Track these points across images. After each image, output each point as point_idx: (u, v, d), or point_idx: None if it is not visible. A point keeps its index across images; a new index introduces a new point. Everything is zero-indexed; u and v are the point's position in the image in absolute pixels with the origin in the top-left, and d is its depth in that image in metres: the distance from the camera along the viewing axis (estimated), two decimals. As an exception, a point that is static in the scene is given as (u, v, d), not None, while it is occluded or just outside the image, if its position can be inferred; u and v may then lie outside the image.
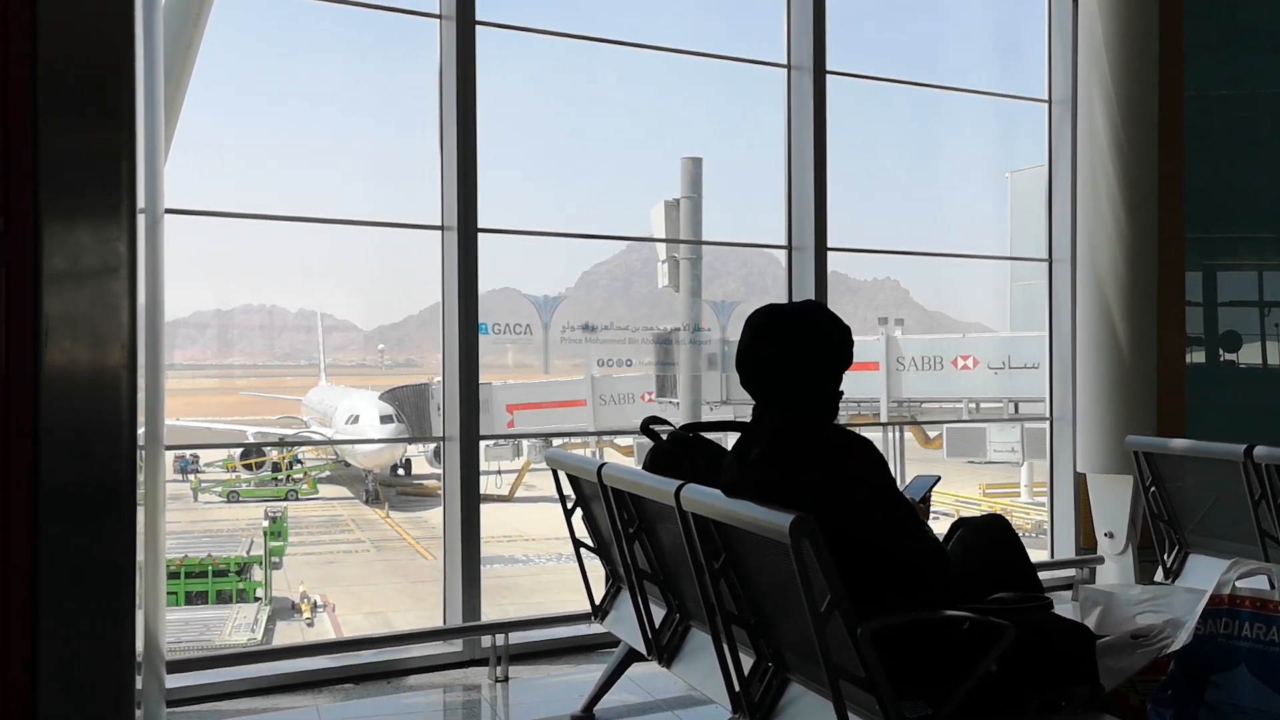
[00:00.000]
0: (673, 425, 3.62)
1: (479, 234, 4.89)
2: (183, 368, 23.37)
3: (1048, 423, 6.66)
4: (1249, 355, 8.25)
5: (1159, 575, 4.75)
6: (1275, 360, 8.25)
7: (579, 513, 4.00)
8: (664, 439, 3.52)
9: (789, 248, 5.81)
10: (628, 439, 14.36)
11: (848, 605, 2.28)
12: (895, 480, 2.59)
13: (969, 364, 14.82)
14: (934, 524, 3.12)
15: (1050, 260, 6.65)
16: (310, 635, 16.27)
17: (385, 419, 18.55)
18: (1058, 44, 6.56)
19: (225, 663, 4.67)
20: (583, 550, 4.05)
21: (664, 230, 9.68)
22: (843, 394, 2.72)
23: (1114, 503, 6.05)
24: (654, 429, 3.59)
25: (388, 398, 19.25)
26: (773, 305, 2.76)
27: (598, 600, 4.04)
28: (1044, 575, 4.37)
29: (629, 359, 15.00)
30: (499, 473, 19.09)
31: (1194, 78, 6.70)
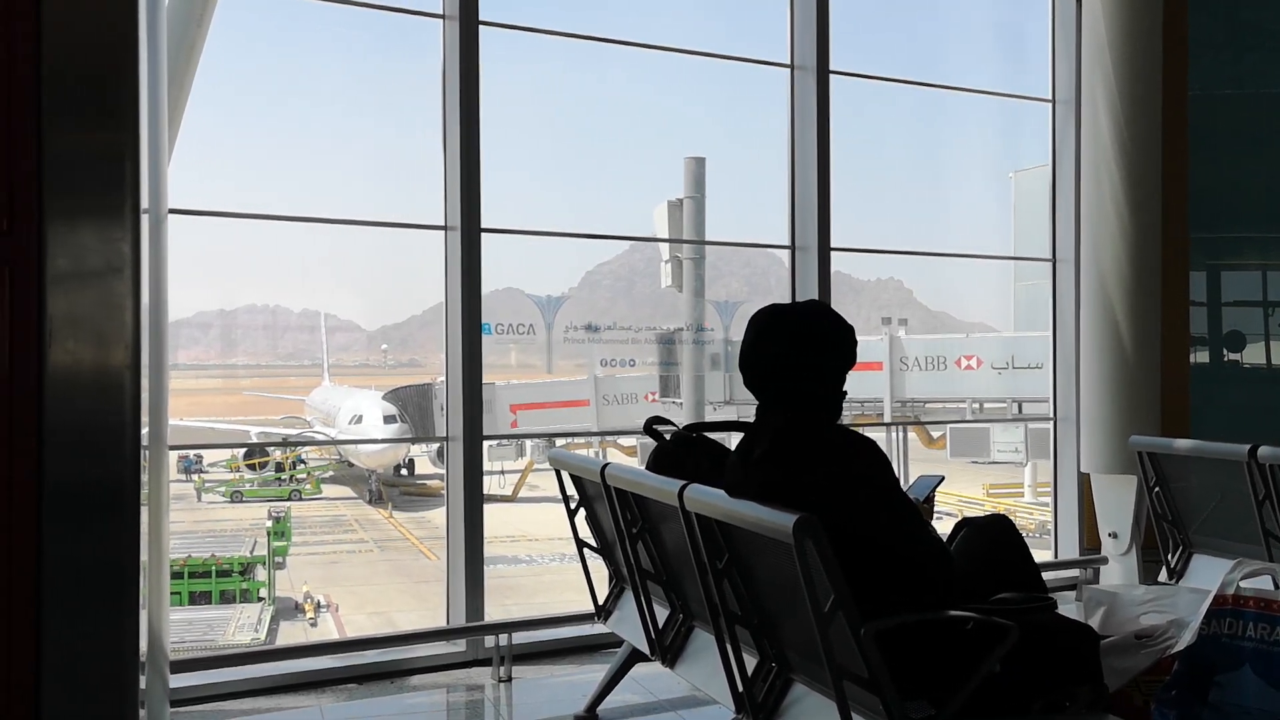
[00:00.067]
0: (676, 425, 3.62)
1: (482, 234, 4.89)
2: (186, 368, 23.40)
3: (1051, 423, 6.66)
4: (1253, 355, 8.22)
5: (1163, 575, 4.75)
6: (1280, 360, 8.24)
7: (582, 513, 4.00)
8: (667, 439, 3.52)
9: (792, 248, 5.81)
10: (631, 439, 14.36)
11: (851, 605, 2.28)
12: (899, 480, 2.58)
13: (972, 364, 14.80)
14: (937, 524, 3.12)
15: (1054, 260, 6.65)
16: (314, 635, 16.28)
17: (388, 419, 18.56)
18: (1061, 43, 6.55)
19: (229, 663, 4.67)
20: (586, 550, 4.05)
21: (667, 230, 9.67)
22: (846, 394, 2.72)
23: (1118, 503, 6.04)
24: (657, 429, 3.59)
25: (391, 398, 19.26)
26: (776, 305, 2.76)
27: (601, 600, 4.04)
28: (1048, 575, 4.36)
29: (632, 359, 14.98)
30: (502, 473, 19.10)
31: (1198, 77, 6.67)
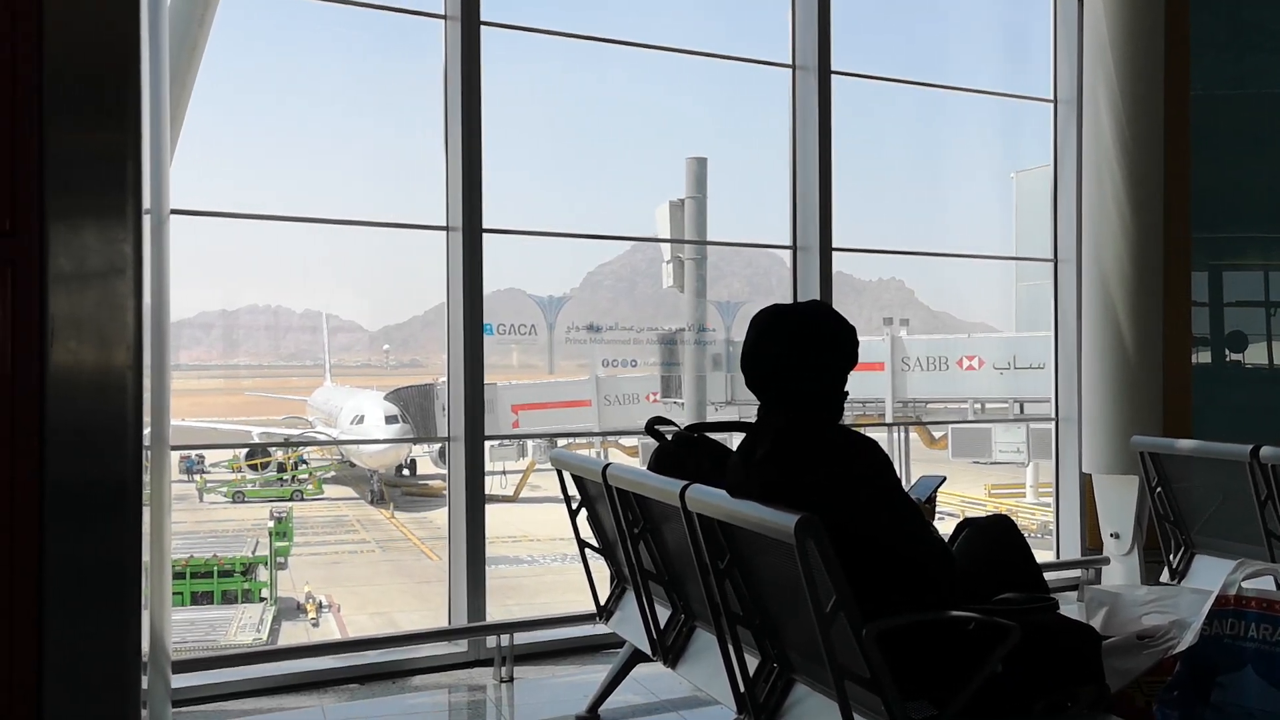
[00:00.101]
0: (677, 425, 3.62)
1: (484, 234, 4.89)
2: (188, 368, 23.43)
3: (1053, 423, 6.65)
4: (1255, 355, 8.21)
5: (1165, 576, 4.74)
6: (1282, 360, 8.23)
7: (584, 513, 4.00)
8: (669, 439, 3.51)
9: (794, 248, 5.81)
10: (633, 439, 14.37)
11: (853, 606, 2.28)
12: (900, 481, 2.58)
13: (974, 364, 14.79)
14: (939, 524, 3.12)
15: (1055, 260, 6.64)
16: (315, 635, 16.29)
17: (390, 419, 18.58)
18: (1063, 43, 6.55)
19: (231, 663, 4.67)
20: (588, 551, 4.04)
21: (669, 230, 9.67)
22: (848, 394, 2.71)
23: (1120, 503, 6.04)
24: (659, 429, 3.58)
25: (393, 398, 19.27)
26: (778, 305, 2.76)
27: (603, 601, 4.04)
28: (1049, 576, 4.35)
29: (634, 359, 14.99)
30: (504, 473, 19.11)
31: (1200, 77, 6.67)
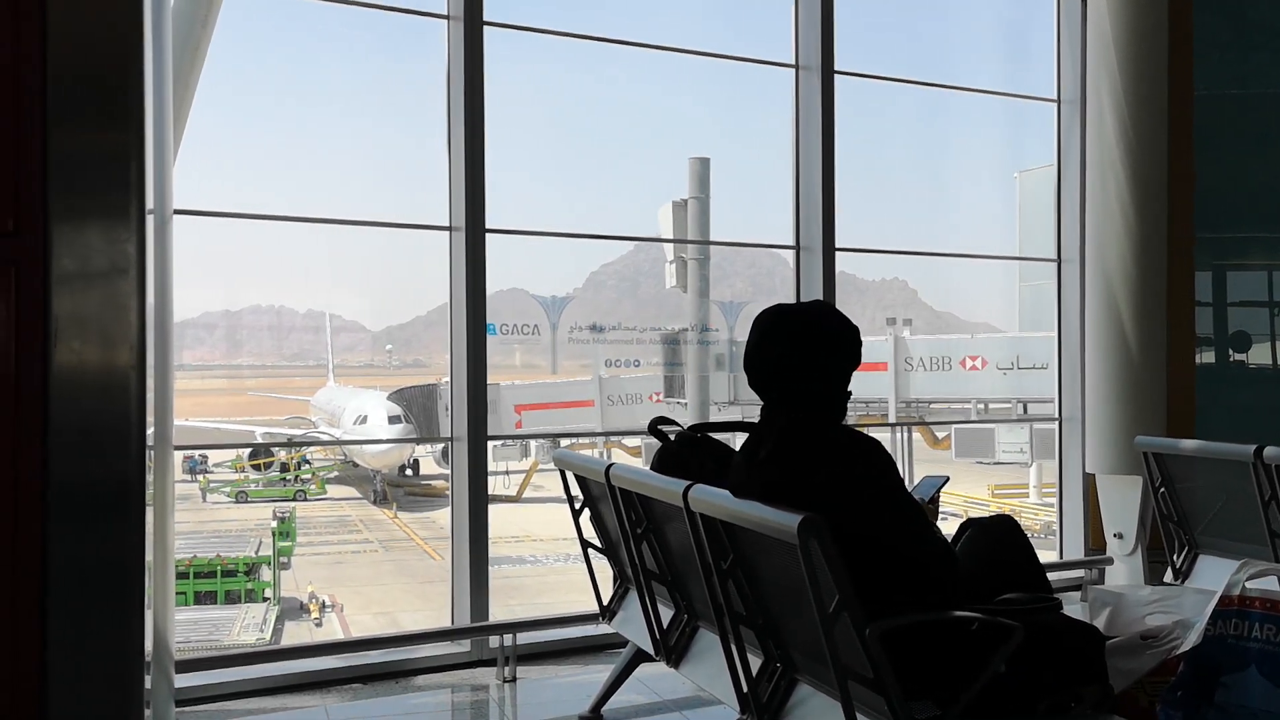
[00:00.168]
0: (680, 426, 3.62)
1: (487, 234, 4.90)
2: (192, 368, 23.46)
3: (1056, 423, 6.65)
4: (1259, 356, 8.19)
5: (1168, 576, 4.74)
6: (1286, 361, 8.21)
7: (587, 513, 4.00)
8: (672, 439, 3.51)
9: (797, 248, 5.80)
10: (635, 439, 14.36)
11: (856, 606, 2.28)
12: (903, 481, 2.58)
13: (977, 364, 14.77)
14: (942, 524, 3.11)
15: (1059, 260, 6.64)
16: (318, 635, 16.30)
17: (393, 419, 18.57)
18: (1066, 43, 6.54)
19: (234, 663, 4.68)
20: (590, 551, 4.04)
21: (672, 231, 9.67)
22: (851, 394, 2.71)
23: (1123, 503, 6.03)
24: (662, 429, 3.58)
25: (396, 398, 19.27)
26: (781, 306, 2.76)
27: (605, 601, 4.04)
28: (1053, 576, 4.35)
29: (637, 359, 14.99)
30: (507, 473, 19.10)
31: (1204, 76, 6.65)
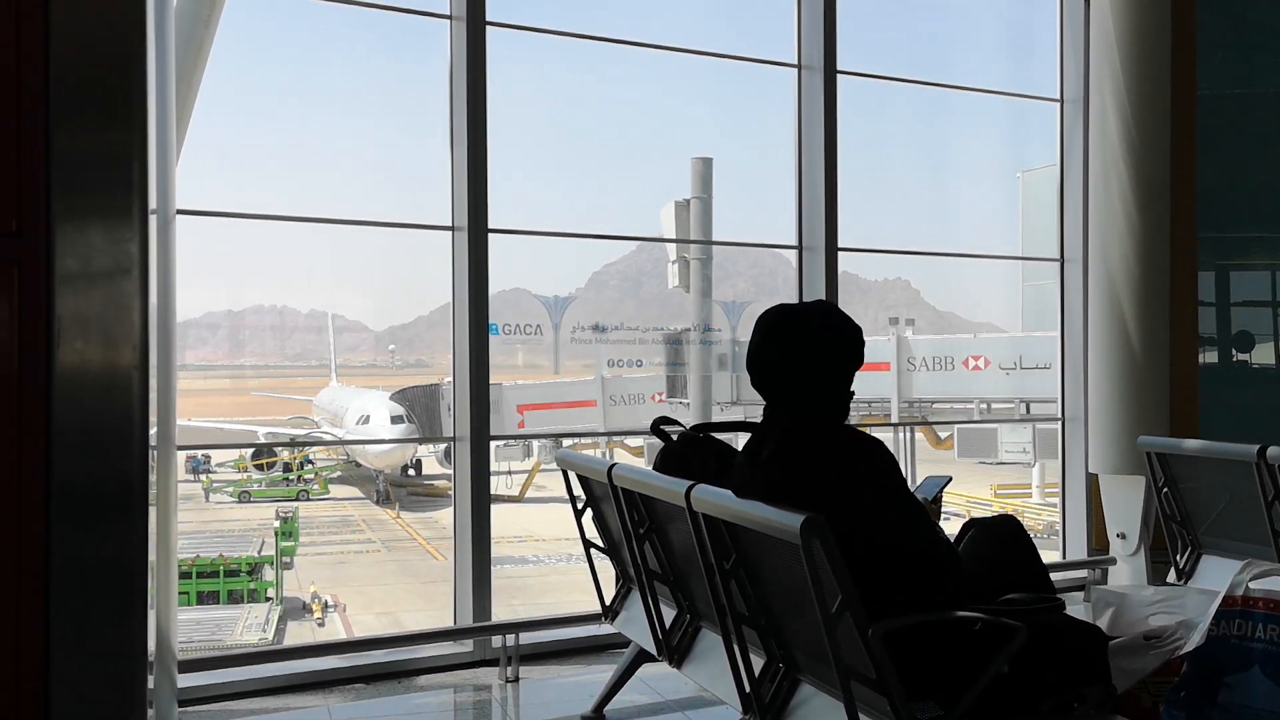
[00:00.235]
0: (683, 426, 3.62)
1: (489, 234, 4.90)
2: (194, 368, 23.46)
3: (1059, 423, 6.64)
4: (1262, 355, 8.18)
5: (1171, 576, 4.73)
6: (1289, 360, 8.20)
7: (589, 513, 4.00)
8: (674, 440, 3.51)
9: (799, 248, 5.80)
10: (638, 439, 14.34)
11: (859, 606, 2.28)
12: (906, 480, 2.58)
13: (980, 364, 14.75)
14: (945, 524, 3.11)
15: (1062, 260, 6.64)
16: (321, 635, 16.29)
17: (396, 419, 18.56)
18: (1069, 42, 6.54)
19: (237, 662, 4.68)
20: (593, 551, 4.04)
21: (674, 230, 9.67)
22: (854, 394, 2.71)
23: (1126, 503, 6.03)
24: (664, 429, 3.58)
25: (398, 398, 19.26)
26: (783, 306, 2.76)
27: (608, 601, 4.04)
28: (1056, 576, 4.35)
29: (639, 359, 14.98)
30: (509, 473, 19.08)
31: (1207, 76, 6.65)
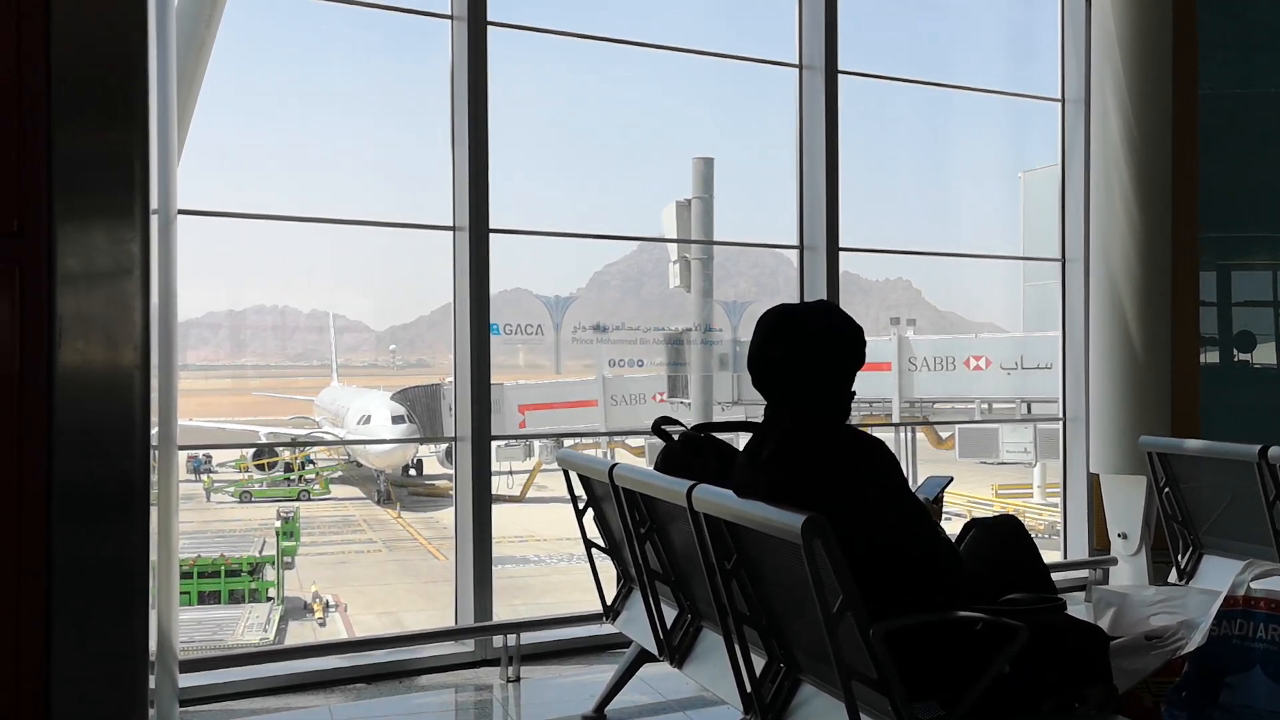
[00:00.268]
0: (684, 426, 3.61)
1: (490, 234, 4.90)
2: (196, 368, 23.46)
3: (1061, 423, 6.64)
4: (1264, 355, 8.18)
5: (1173, 576, 4.73)
6: (1290, 360, 8.19)
7: (590, 513, 4.00)
8: (675, 439, 3.51)
9: (800, 248, 5.80)
10: (639, 439, 14.34)
11: (860, 606, 2.28)
12: (907, 481, 2.58)
13: (981, 364, 14.75)
14: (946, 525, 3.11)
15: (1063, 260, 6.63)
16: (322, 635, 16.29)
17: (397, 419, 18.56)
18: (1071, 42, 6.54)
19: (238, 662, 4.68)
20: (594, 551, 4.04)
21: (675, 230, 9.68)
22: (855, 394, 2.71)
23: (1127, 504, 6.03)
24: (665, 429, 3.58)
25: (399, 398, 19.26)
26: (785, 306, 2.76)
27: (609, 601, 4.04)
28: (1057, 576, 4.35)
29: (640, 359, 14.97)
30: (510, 473, 19.08)
31: (1208, 76, 6.65)
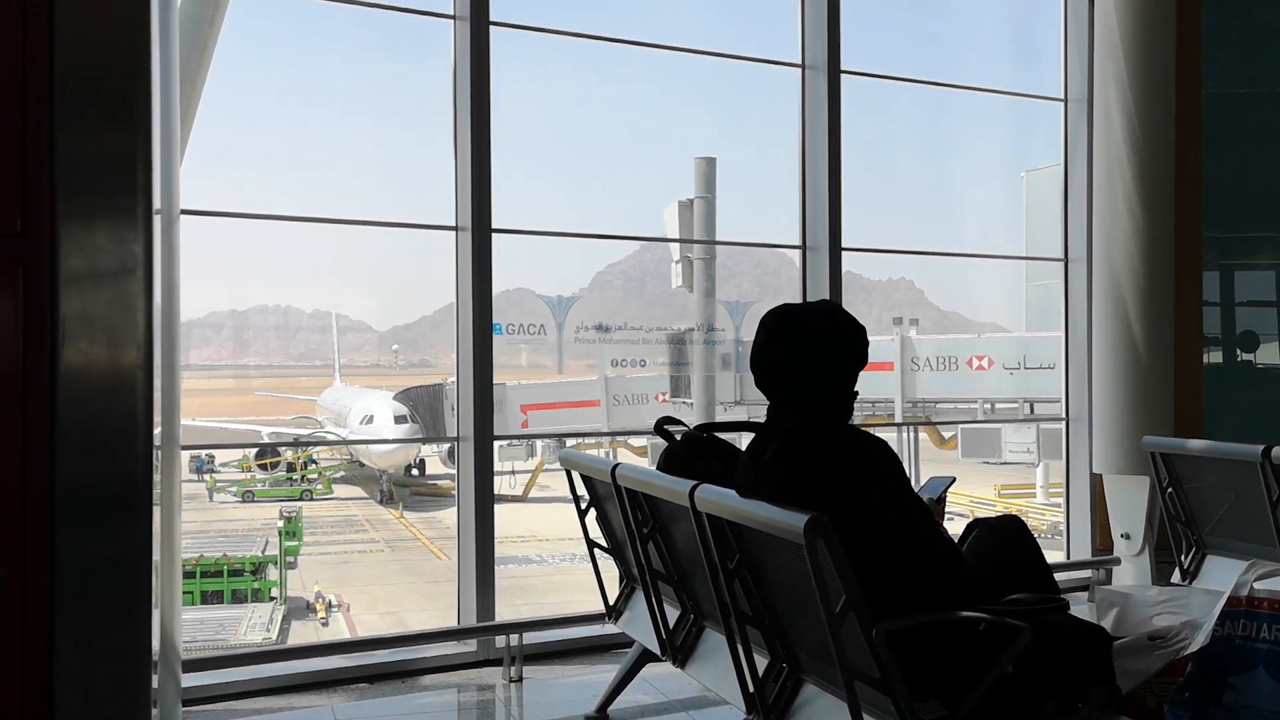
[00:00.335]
0: (687, 426, 3.61)
1: (493, 234, 4.90)
2: (198, 368, 23.48)
3: (1064, 423, 6.63)
4: (1267, 355, 8.17)
5: (1176, 576, 4.72)
6: (1293, 360, 8.18)
7: (593, 513, 4.00)
8: (678, 439, 3.51)
9: (803, 248, 5.80)
10: (642, 439, 14.33)
11: (863, 606, 2.28)
12: (910, 481, 2.58)
13: (984, 364, 14.74)
14: (949, 525, 3.11)
15: (1066, 260, 6.62)
16: (325, 635, 16.31)
17: (399, 419, 18.58)
18: (1074, 42, 6.52)
19: (240, 662, 4.68)
20: (597, 551, 4.05)
21: (678, 230, 9.68)
22: (858, 394, 2.71)
23: (1130, 504, 6.02)
24: (668, 429, 3.58)
25: (402, 398, 19.29)
26: (787, 306, 2.76)
27: (612, 601, 4.04)
28: (1060, 576, 4.34)
29: (643, 359, 14.98)
30: (513, 473, 19.11)
31: (1212, 76, 6.64)
